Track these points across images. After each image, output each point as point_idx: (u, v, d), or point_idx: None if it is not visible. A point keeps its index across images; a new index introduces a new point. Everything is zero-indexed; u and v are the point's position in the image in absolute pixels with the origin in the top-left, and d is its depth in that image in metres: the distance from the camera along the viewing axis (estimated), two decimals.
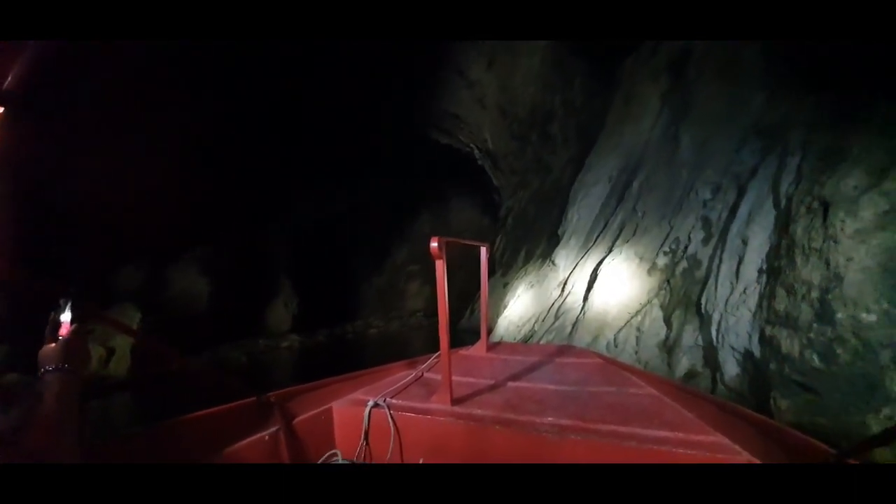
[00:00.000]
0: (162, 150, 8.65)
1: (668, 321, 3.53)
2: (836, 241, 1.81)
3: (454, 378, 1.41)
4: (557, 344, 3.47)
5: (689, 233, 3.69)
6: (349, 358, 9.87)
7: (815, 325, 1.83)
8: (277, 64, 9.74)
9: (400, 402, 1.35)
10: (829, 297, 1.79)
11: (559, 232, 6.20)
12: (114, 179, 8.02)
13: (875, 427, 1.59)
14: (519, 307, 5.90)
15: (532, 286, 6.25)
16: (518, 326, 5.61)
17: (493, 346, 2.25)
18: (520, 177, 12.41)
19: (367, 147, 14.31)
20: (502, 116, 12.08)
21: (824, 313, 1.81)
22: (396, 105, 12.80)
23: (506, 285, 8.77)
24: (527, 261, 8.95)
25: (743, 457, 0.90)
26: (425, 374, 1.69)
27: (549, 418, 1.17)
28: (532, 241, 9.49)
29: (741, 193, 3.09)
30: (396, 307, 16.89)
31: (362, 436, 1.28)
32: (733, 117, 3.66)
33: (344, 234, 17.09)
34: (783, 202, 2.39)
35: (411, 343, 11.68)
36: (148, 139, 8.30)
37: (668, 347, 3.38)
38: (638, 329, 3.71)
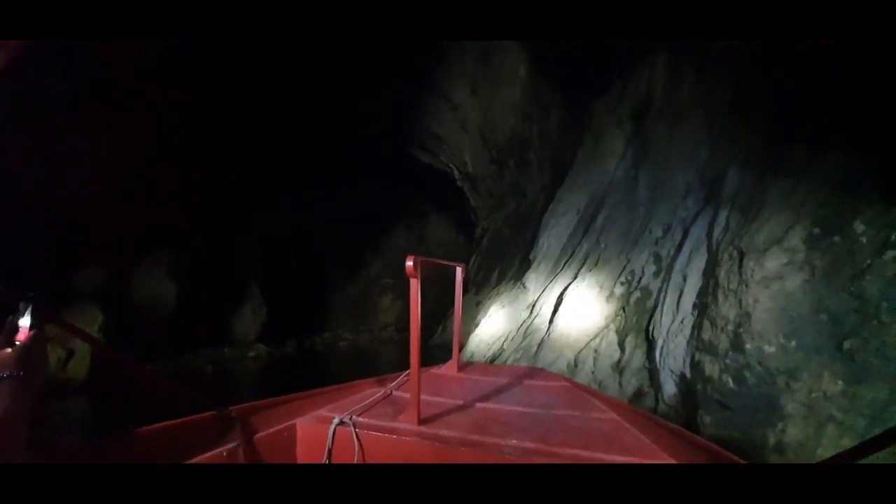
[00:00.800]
0: (128, 148, 8.50)
1: (621, 345, 3.92)
2: (747, 285, 2.24)
3: (423, 397, 1.42)
4: (527, 366, 3.65)
5: (643, 266, 4.14)
6: (317, 370, 9.78)
7: (730, 353, 2.23)
8: (257, 67, 9.83)
9: (366, 420, 1.34)
10: (741, 330, 2.20)
11: (531, 257, 6.61)
12: (76, 176, 7.82)
13: (773, 438, 1.96)
14: (490, 326, 6.21)
15: (503, 306, 6.59)
16: (488, 345, 5.90)
17: (465, 366, 2.29)
18: (496, 199, 12.90)
19: (346, 158, 14.43)
20: (482, 141, 12.59)
21: (737, 344, 2.21)
22: (379, 120, 13.08)
23: (478, 304, 9.08)
24: (499, 281, 9.33)
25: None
26: (394, 393, 1.69)
27: (514, 441, 1.20)
28: (505, 262, 9.87)
29: (685, 235, 3.56)
30: (368, 320, 16.77)
31: (325, 454, 1.26)
32: (683, 166, 4.20)
33: (317, 243, 16.95)
34: (714, 247, 2.84)
35: (381, 357, 11.68)
36: (113, 137, 8.16)
37: (621, 369, 3.76)
38: (595, 351, 4.08)
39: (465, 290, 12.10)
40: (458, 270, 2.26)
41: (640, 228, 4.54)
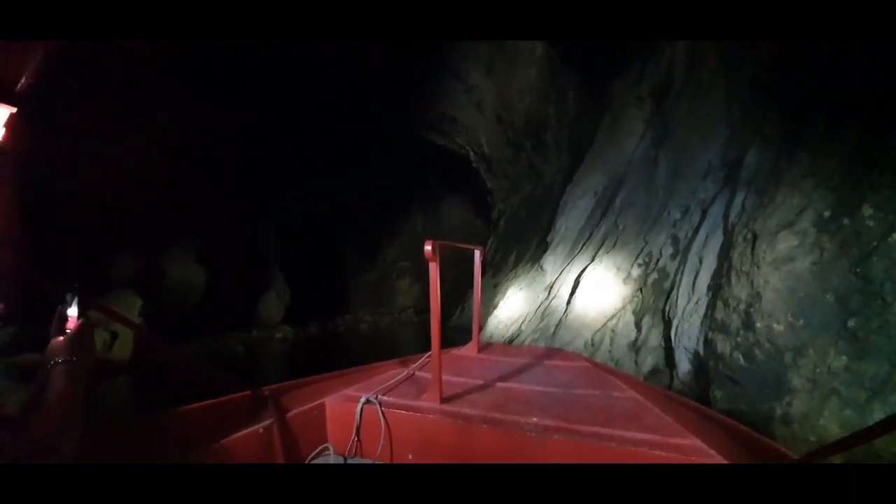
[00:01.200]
0: (154, 144, 8.87)
1: (638, 325, 4.07)
2: (758, 267, 2.35)
3: (444, 377, 1.47)
4: (547, 347, 3.68)
5: (661, 248, 4.23)
6: (341, 351, 10.24)
7: (741, 331, 2.36)
8: (273, 60, 9.97)
9: (391, 399, 1.40)
10: (752, 310, 2.33)
11: (548, 239, 6.72)
12: (108, 172, 8.25)
13: (779, 411, 2.11)
14: (508, 308, 6.41)
15: (521, 288, 6.76)
16: (507, 325, 6.12)
17: (484, 347, 2.35)
18: (512, 181, 12.88)
19: (361, 144, 14.54)
20: (498, 122, 12.50)
21: (748, 323, 2.34)
22: (393, 103, 13.09)
23: (496, 286, 9.28)
24: (517, 263, 9.47)
25: (715, 460, 0.97)
26: (416, 373, 1.74)
27: (534, 419, 1.23)
28: (522, 245, 9.97)
29: (703, 217, 3.63)
30: (386, 303, 17.17)
31: (354, 431, 1.32)
32: (703, 148, 4.21)
33: (335, 229, 17.31)
34: (730, 229, 2.93)
35: (401, 338, 12.04)
36: (141, 134, 8.53)
37: (637, 348, 3.92)
38: (612, 331, 4.24)
39: (483, 273, 12.27)
40: (477, 253, 2.31)
41: (659, 210, 4.60)
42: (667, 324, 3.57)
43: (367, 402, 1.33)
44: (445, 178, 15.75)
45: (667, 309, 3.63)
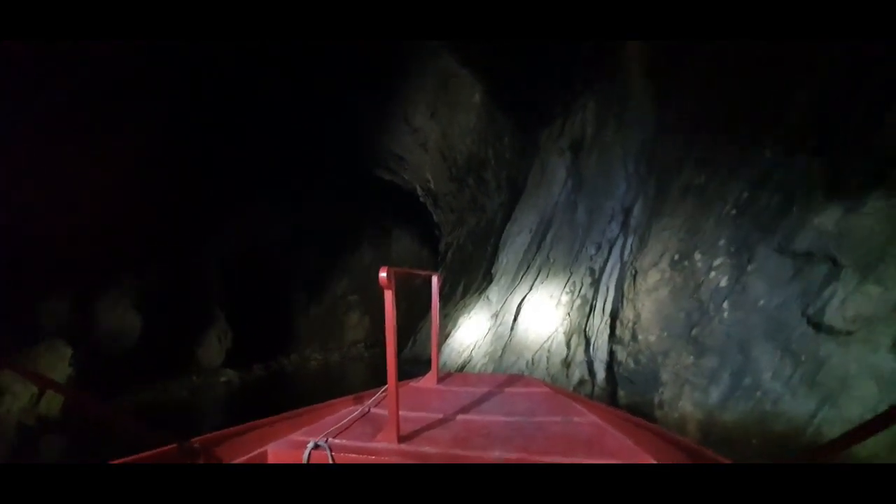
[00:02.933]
0: (84, 175, 8.59)
1: (568, 344, 4.92)
2: (638, 295, 3.27)
3: (402, 413, 1.42)
4: (507, 374, 3.67)
5: (582, 278, 5.20)
6: (290, 391, 10.14)
7: (630, 343, 3.23)
8: (217, 91, 10.18)
9: (343, 441, 1.34)
10: (636, 326, 3.21)
11: (492, 271, 7.59)
12: (33, 206, 7.89)
13: (657, 399, 2.94)
14: (460, 336, 7.07)
15: (470, 317, 7.49)
16: (459, 353, 6.76)
17: (444, 378, 2.35)
18: (458, 215, 13.90)
19: (307, 177, 14.79)
20: (443, 160, 13.57)
21: (634, 336, 3.22)
22: (342, 141, 13.65)
23: (446, 315, 9.93)
24: (465, 294, 10.24)
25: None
26: (372, 410, 1.68)
27: (497, 453, 1.22)
28: (469, 276, 10.82)
29: (610, 253, 4.65)
30: (335, 338, 16.96)
31: None
32: (608, 197, 5.33)
33: (277, 263, 17.01)
34: (624, 265, 3.90)
35: (353, 374, 12.08)
36: (69, 164, 8.27)
37: (568, 363, 4.74)
38: (548, 350, 5.06)
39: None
40: (434, 279, 2.31)
41: (580, 246, 5.63)
42: (588, 341, 4.44)
43: (316, 446, 1.26)
44: (393, 211, 16.37)
45: (587, 329, 4.52)
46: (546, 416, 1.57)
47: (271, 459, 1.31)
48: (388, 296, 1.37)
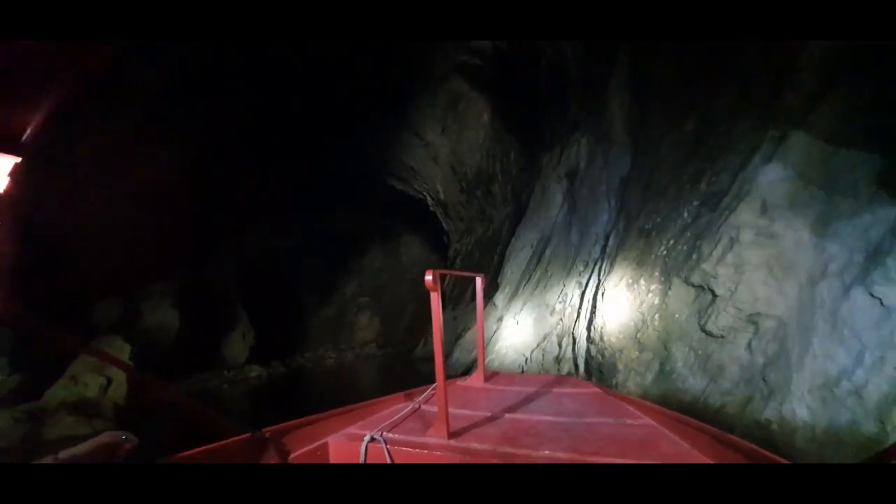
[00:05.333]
0: (127, 190, 10.01)
1: (560, 344, 6.29)
2: (605, 306, 4.64)
3: (451, 410, 1.49)
4: (556, 375, 3.94)
5: (572, 290, 6.57)
6: (313, 387, 11.52)
7: (599, 342, 4.61)
8: (235, 102, 11.46)
9: (396, 436, 1.44)
10: (603, 330, 4.59)
11: (498, 280, 8.97)
12: (88, 217, 9.38)
13: (615, 382, 4.30)
14: (469, 336, 8.47)
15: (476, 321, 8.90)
16: (469, 351, 8.16)
17: (491, 377, 2.48)
18: (466, 224, 15.29)
19: (320, 185, 16.06)
20: (453, 173, 14.95)
21: (602, 337, 4.59)
22: (355, 151, 15.00)
23: (455, 318, 11.34)
24: (472, 299, 11.62)
25: None
26: (422, 407, 1.78)
27: (546, 451, 1.26)
28: (466, 285, 12.20)
29: (591, 272, 6.02)
30: (347, 338, 18.21)
31: None
32: (594, 223, 6.71)
33: (292, 266, 18.35)
34: (599, 282, 5.26)
35: (366, 373, 13.37)
36: (118, 181, 9.72)
37: (559, 360, 6.12)
38: (543, 349, 6.44)
39: (444, 306, 14.20)
40: (478, 280, 2.46)
41: (571, 263, 7.00)
42: (575, 342, 5.81)
43: (372, 439, 1.37)
44: (404, 218, 17.65)
45: (575, 331, 5.90)
46: (597, 416, 1.60)
47: (332, 450, 1.44)
48: (434, 297, 1.45)
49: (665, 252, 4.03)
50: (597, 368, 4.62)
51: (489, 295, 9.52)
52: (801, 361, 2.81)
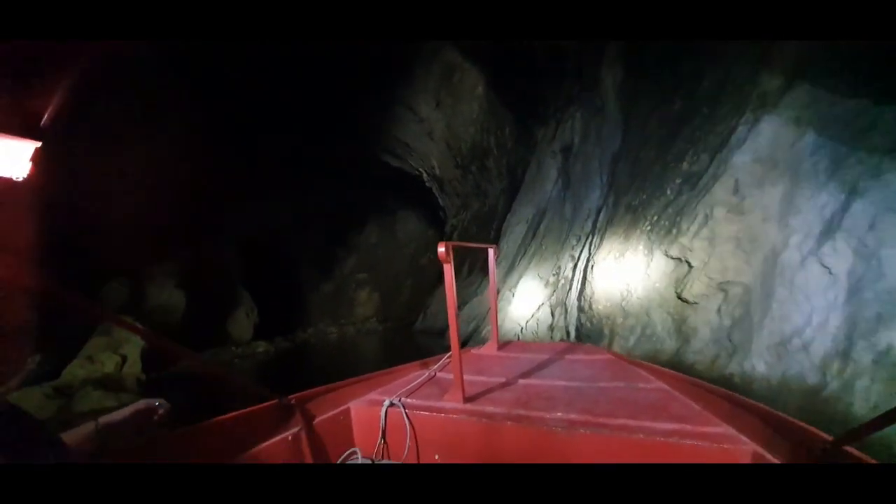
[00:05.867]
0: (132, 172, 10.21)
1: (553, 313, 6.76)
2: (594, 278, 5.06)
3: (466, 377, 1.58)
4: (568, 342, 4.09)
5: (565, 263, 6.99)
6: (317, 360, 12.05)
7: (589, 310, 5.06)
8: (232, 84, 11.50)
9: (414, 401, 1.53)
10: (592, 299, 5.03)
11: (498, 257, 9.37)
12: (100, 199, 9.60)
13: (605, 343, 4.78)
14: (469, 308, 8.95)
15: (475, 294, 9.34)
16: (468, 322, 8.65)
17: (504, 345, 2.55)
18: (462, 199, 15.53)
19: (316, 162, 16.17)
20: (448, 148, 15.06)
21: (592, 305, 5.04)
22: (350, 128, 15.05)
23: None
24: (470, 272, 12.06)
25: (749, 447, 1.04)
26: (438, 374, 1.87)
27: (559, 413, 1.31)
28: (473, 257, 12.62)
29: (584, 246, 6.41)
30: (346, 314, 18.70)
31: (380, 434, 1.45)
32: (587, 198, 7.04)
33: (290, 244, 18.61)
34: (589, 255, 5.67)
35: (369, 346, 13.89)
36: (127, 164, 9.91)
37: (552, 328, 6.60)
38: (538, 319, 6.91)
39: (441, 282, 14.66)
40: (491, 252, 2.55)
41: (565, 237, 7.39)
42: (567, 311, 6.28)
43: (392, 404, 1.46)
44: (400, 194, 17.84)
45: (567, 302, 6.35)
46: (609, 381, 1.66)
47: (354, 415, 1.52)
48: (448, 269, 1.49)
49: (649, 227, 4.41)
50: (586, 335, 5.10)
51: (485, 269, 9.93)
52: (762, 323, 3.25)
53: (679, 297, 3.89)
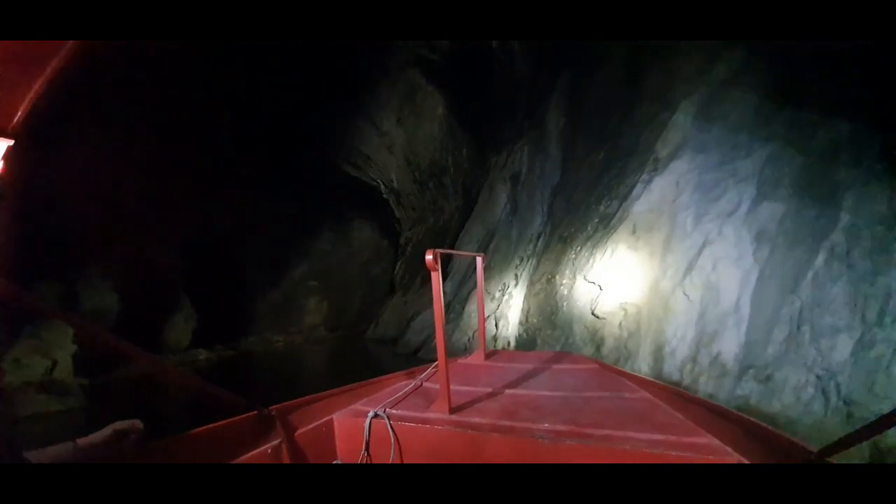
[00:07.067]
0: (70, 166, 10.12)
1: (497, 324, 7.81)
2: (531, 296, 6.17)
3: (453, 387, 1.60)
4: (556, 351, 4.17)
5: (510, 281, 8.09)
6: (260, 369, 12.09)
7: (525, 323, 6.15)
8: (188, 81, 11.62)
9: (399, 411, 1.55)
10: (528, 314, 6.13)
11: (448, 269, 10.33)
12: (39, 194, 9.47)
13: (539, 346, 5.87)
14: (420, 320, 9.81)
15: (427, 306, 10.23)
16: (419, 332, 9.51)
17: (491, 354, 2.61)
18: (419, 213, 16.42)
19: (273, 165, 16.31)
20: (407, 163, 15.94)
21: (527, 319, 6.12)
22: (309, 135, 15.46)
23: (406, 303, 12.59)
24: (423, 285, 12.90)
25: (732, 457, 1.07)
26: (424, 384, 1.93)
27: (546, 424, 1.34)
28: (427, 270, 13.48)
29: (525, 266, 7.55)
30: (295, 322, 18.61)
31: (363, 446, 1.45)
32: (530, 225, 8.24)
33: (237, 248, 18.34)
34: (531, 276, 6.79)
35: (318, 356, 14.04)
36: (63, 157, 9.84)
37: (496, 337, 7.63)
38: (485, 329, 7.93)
39: (392, 292, 15.33)
40: (479, 260, 2.63)
41: (511, 257, 8.53)
42: (508, 323, 7.35)
43: (376, 415, 1.49)
44: (357, 203, 18.30)
45: (509, 314, 7.43)
46: (595, 391, 1.72)
47: (337, 426, 1.55)
48: (435, 277, 1.54)
49: (574, 255, 5.59)
50: (521, 345, 6.16)
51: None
52: (647, 335, 4.44)
53: (593, 314, 5.03)
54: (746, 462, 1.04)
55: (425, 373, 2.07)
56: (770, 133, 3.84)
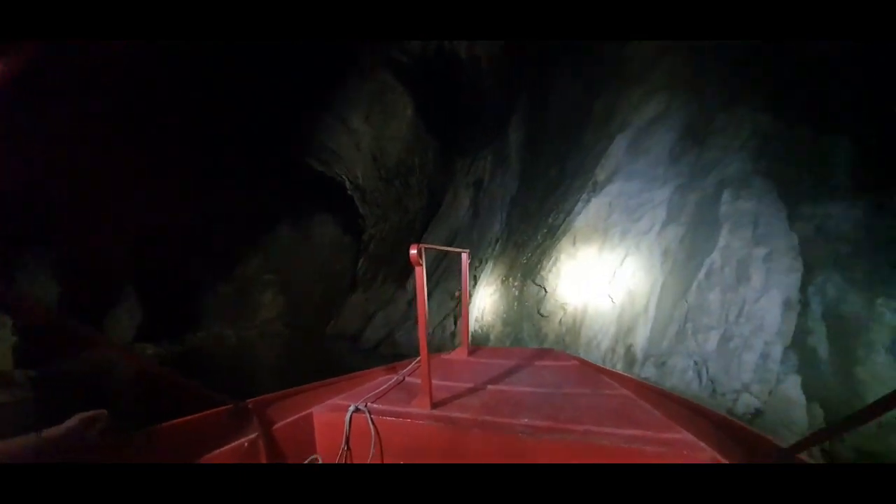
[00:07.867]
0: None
1: (455, 322, 8.68)
2: (486, 296, 7.09)
3: (434, 382, 1.67)
4: (538, 348, 4.34)
5: (470, 281, 8.99)
6: (209, 366, 12.15)
7: (480, 321, 7.06)
8: (154, 66, 11.61)
9: (380, 406, 1.59)
10: (483, 312, 7.05)
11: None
12: None
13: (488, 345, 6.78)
14: (383, 316, 10.54)
15: (389, 303, 10.97)
16: (380, 328, 10.23)
17: (474, 351, 2.74)
18: (383, 210, 17.03)
19: (232, 155, 16.32)
20: (373, 161, 16.49)
21: (482, 318, 7.04)
22: (273, 127, 15.65)
23: (367, 300, 13.22)
24: (384, 282, 13.60)
25: (707, 453, 1.14)
26: (406, 379, 1.98)
27: (525, 420, 1.40)
28: (390, 267, 14.17)
29: (482, 269, 8.48)
30: (249, 316, 18.60)
31: (343, 440, 1.48)
32: (491, 228, 9.18)
33: (189, 240, 18.08)
34: (486, 277, 7.71)
35: (272, 350, 14.27)
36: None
37: (454, 334, 8.50)
38: (442, 326, 8.79)
39: (354, 289, 15.84)
40: (464, 256, 2.73)
41: (471, 259, 9.42)
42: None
43: (356, 410, 1.52)
44: (320, 198, 18.50)
45: (469, 313, 8.32)
46: (575, 387, 1.82)
47: (316, 421, 1.59)
48: (419, 272, 1.59)
49: (525, 261, 6.57)
50: (476, 340, 7.08)
51: (401, 281, 11.57)
52: (581, 330, 5.46)
53: (538, 313, 6.01)
54: (718, 456, 1.13)
55: (408, 368, 2.15)
56: (678, 170, 4.95)
